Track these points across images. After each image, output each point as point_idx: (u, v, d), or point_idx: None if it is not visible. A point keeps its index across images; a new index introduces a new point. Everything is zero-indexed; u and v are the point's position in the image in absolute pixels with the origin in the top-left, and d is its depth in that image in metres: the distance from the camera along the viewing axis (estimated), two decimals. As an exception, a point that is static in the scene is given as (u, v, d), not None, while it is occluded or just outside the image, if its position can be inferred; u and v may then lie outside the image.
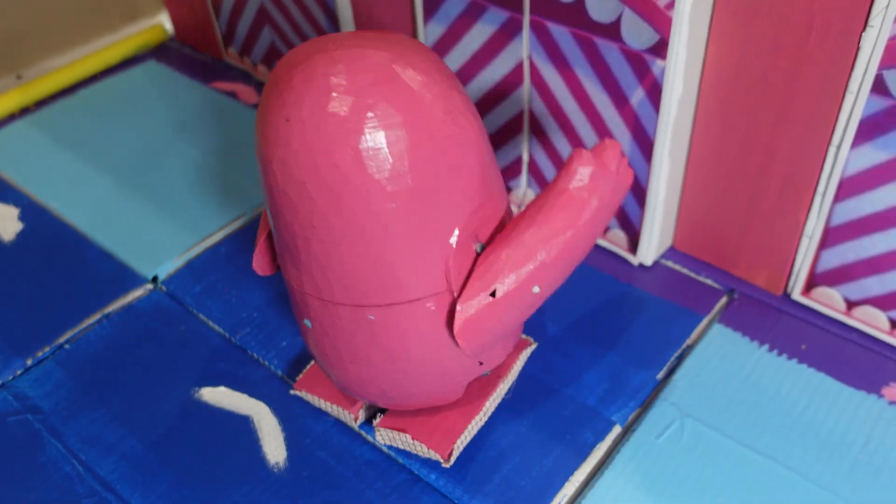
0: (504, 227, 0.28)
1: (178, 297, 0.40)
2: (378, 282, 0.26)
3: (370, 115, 0.24)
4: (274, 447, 0.33)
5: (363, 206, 0.25)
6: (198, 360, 0.37)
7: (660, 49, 0.33)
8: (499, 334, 0.28)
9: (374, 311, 0.27)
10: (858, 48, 0.30)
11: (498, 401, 0.34)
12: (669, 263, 0.40)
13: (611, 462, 0.32)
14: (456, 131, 0.25)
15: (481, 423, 0.33)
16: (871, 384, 0.34)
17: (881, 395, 0.34)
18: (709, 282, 0.39)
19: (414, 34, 0.43)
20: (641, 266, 0.40)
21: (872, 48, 0.29)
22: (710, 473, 0.31)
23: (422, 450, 0.31)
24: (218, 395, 0.35)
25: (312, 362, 0.35)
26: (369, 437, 0.33)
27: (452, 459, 0.31)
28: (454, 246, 0.26)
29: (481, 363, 0.30)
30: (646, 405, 0.34)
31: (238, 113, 0.52)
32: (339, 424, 0.34)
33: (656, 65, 0.34)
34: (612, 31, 0.34)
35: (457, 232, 0.26)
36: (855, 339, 0.36)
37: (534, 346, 0.36)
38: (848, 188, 0.33)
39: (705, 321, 0.37)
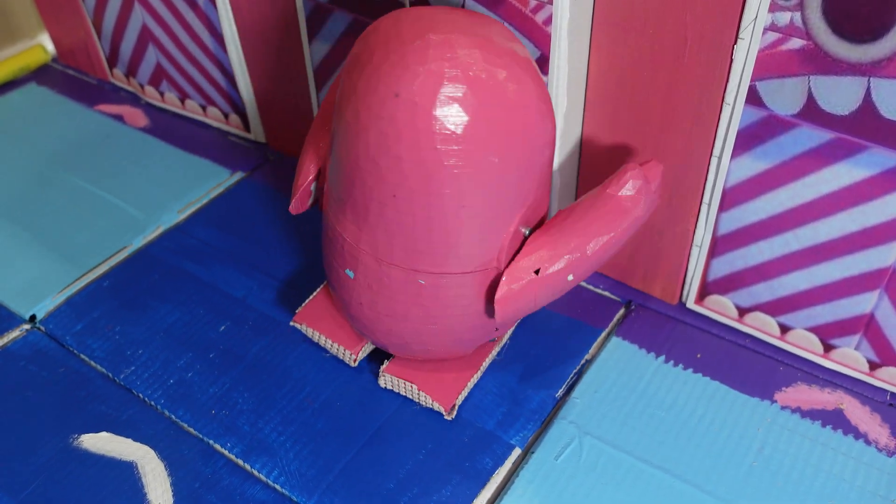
0: (545, 215, 0.31)
1: (58, 336, 0.38)
2: (440, 253, 0.29)
3: (476, 106, 0.26)
4: (160, 493, 0.31)
5: (450, 188, 0.27)
6: (78, 405, 0.35)
7: (541, 65, 0.33)
8: (529, 310, 0.31)
9: (427, 276, 0.29)
10: (731, 60, 0.30)
11: (491, 360, 0.36)
12: (568, 277, 0.40)
13: (510, 487, 0.31)
14: (542, 133, 0.28)
15: (477, 379, 0.35)
16: (765, 390, 0.34)
17: (774, 401, 0.34)
18: (607, 294, 0.39)
19: (300, 53, 0.42)
20: (540, 281, 0.40)
21: (745, 60, 0.29)
22: (609, 491, 0.31)
23: (426, 400, 0.34)
24: (99, 442, 0.33)
25: (312, 297, 0.37)
26: (262, 476, 0.32)
27: (454, 413, 0.33)
28: (511, 230, 0.29)
29: (497, 329, 0.32)
30: (545, 425, 0.33)
31: (124, 137, 0.50)
32: (231, 465, 0.32)
33: (539, 80, 0.33)
34: (494, 47, 0.33)
35: (518, 218, 0.29)
36: (748, 345, 0.36)
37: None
38: (731, 198, 0.33)
39: (603, 335, 0.37)
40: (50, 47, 0.58)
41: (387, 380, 0.34)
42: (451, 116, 0.26)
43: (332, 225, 0.31)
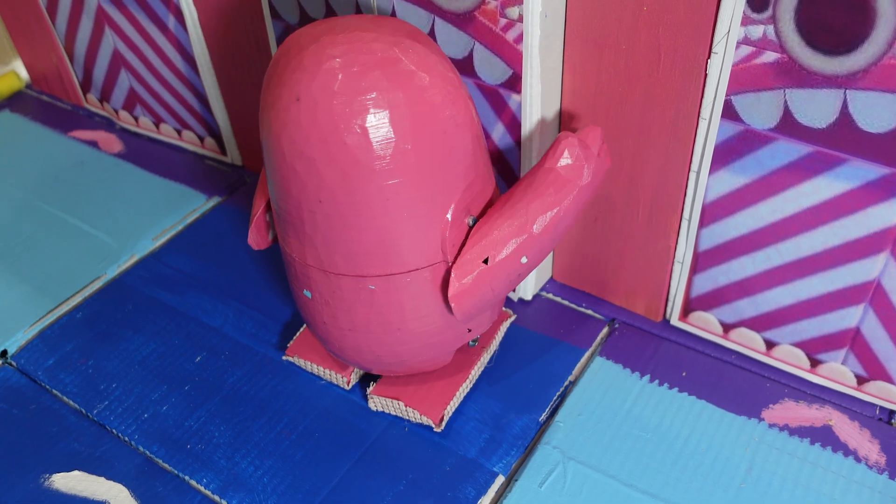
0: (493, 202, 0.30)
1: (30, 372, 0.37)
2: (379, 253, 0.28)
3: (376, 95, 0.25)
4: (133, 534, 0.31)
5: (368, 182, 0.26)
6: (49, 443, 0.34)
7: (514, 83, 0.32)
8: (489, 301, 0.30)
9: (375, 280, 0.29)
10: (706, 75, 0.29)
11: (482, 368, 0.35)
12: (550, 296, 0.39)
13: (493, 517, 0.30)
14: (454, 112, 0.27)
15: (467, 390, 0.34)
16: (751, 408, 0.34)
17: (761, 419, 0.33)
18: (590, 312, 0.38)
19: (273, 74, 0.41)
20: (521, 301, 0.39)
21: (719, 74, 0.29)
22: (595, 518, 0.30)
23: (414, 416, 0.33)
24: (71, 481, 0.32)
25: (301, 330, 0.37)
26: (238, 513, 0.31)
27: (443, 424, 0.33)
28: (450, 219, 0.28)
29: (469, 330, 0.32)
30: (528, 451, 0.33)
31: (99, 163, 0.49)
32: (207, 501, 0.32)
33: (512, 99, 0.33)
34: (466, 66, 0.33)
35: (452, 206, 0.28)
36: (734, 361, 0.36)
37: (513, 318, 0.37)
38: (711, 213, 0.33)
39: (587, 355, 0.36)
40: (24, 74, 0.57)
41: (376, 402, 0.34)
42: (353, 110, 0.25)
43: (283, 248, 0.31)
